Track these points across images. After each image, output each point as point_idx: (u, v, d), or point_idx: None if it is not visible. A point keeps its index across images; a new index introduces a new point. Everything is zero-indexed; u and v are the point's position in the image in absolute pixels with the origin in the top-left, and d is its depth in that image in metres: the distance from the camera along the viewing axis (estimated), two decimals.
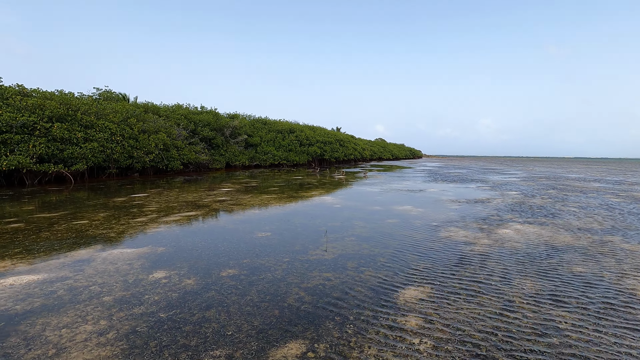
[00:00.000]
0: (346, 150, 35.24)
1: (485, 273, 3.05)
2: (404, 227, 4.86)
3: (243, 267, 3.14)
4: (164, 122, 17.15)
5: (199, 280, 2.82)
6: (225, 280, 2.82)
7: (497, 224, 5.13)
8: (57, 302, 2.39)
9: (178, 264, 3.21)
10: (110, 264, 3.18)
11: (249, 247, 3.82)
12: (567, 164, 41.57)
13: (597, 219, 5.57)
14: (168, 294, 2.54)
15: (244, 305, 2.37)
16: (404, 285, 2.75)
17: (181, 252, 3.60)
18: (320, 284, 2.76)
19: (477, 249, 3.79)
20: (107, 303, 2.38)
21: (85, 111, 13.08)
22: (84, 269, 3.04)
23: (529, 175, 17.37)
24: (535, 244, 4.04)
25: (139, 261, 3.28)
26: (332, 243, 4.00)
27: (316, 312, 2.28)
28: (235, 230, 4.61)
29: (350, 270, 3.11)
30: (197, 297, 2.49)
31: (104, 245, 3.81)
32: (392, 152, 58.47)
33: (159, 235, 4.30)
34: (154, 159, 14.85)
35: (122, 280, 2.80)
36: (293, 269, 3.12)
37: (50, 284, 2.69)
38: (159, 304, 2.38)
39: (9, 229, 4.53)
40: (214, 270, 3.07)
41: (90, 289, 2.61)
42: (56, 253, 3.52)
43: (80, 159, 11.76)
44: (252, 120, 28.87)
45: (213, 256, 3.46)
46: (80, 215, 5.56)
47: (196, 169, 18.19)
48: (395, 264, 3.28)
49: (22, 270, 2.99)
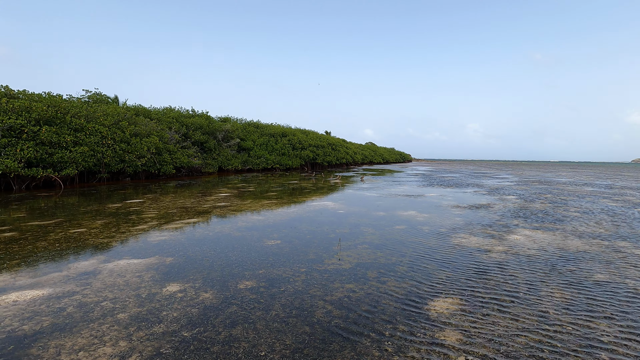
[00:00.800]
0: (338, 154, 35.25)
1: (510, 282, 2.98)
2: (414, 234, 4.79)
3: (260, 279, 3.00)
4: (156, 126, 16.81)
5: (217, 293, 2.68)
6: (245, 294, 2.68)
7: (506, 230, 5.10)
8: (68, 320, 2.21)
9: (191, 276, 3.05)
10: (119, 277, 3.00)
11: (260, 256, 3.68)
12: (554, 168, 42.41)
13: (603, 225, 5.60)
14: (187, 310, 2.38)
15: (270, 322, 2.23)
16: (431, 297, 2.66)
17: (191, 262, 3.44)
18: (345, 297, 2.64)
19: (494, 257, 3.73)
20: (123, 321, 2.21)
21: (75, 114, 12.71)
22: (91, 283, 2.86)
23: (521, 180, 17.60)
24: (549, 251, 4.01)
25: (148, 273, 3.11)
26: (346, 251, 3.90)
27: (349, 328, 2.16)
28: (243, 238, 4.46)
29: (372, 280, 3.00)
30: (219, 313, 2.35)
31: (108, 256, 3.62)
32: (382, 156, 58.76)
33: (164, 244, 4.12)
34: (146, 163, 14.52)
35: (135, 294, 2.64)
36: (312, 280, 3.00)
37: (57, 300, 2.50)
38: (179, 321, 2.23)
39: (2, 238, 4.28)
40: (230, 282, 2.92)
41: (102, 305, 2.44)
42: (57, 265, 3.31)
43: (70, 164, 11.38)
44: (244, 124, 28.62)
45: (226, 267, 3.31)
46: (76, 222, 5.31)
47: (188, 173, 17.86)
48: (416, 273, 3.19)
49: (24, 285, 2.79)
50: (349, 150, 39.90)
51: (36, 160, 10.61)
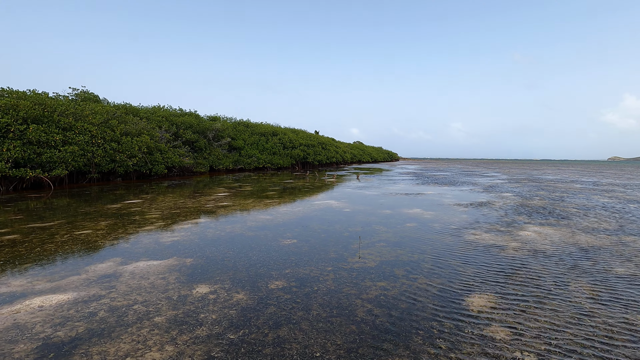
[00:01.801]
0: (328, 153, 35.26)
1: (536, 278, 3.02)
2: (427, 231, 4.81)
3: (289, 278, 2.95)
4: (146, 125, 16.43)
5: (250, 294, 2.61)
6: (279, 294, 2.63)
7: (514, 227, 5.18)
8: (103, 325, 2.12)
9: (217, 277, 2.97)
10: (142, 279, 2.90)
11: (281, 255, 3.62)
12: (537, 166, 43.52)
13: (606, 220, 5.76)
14: (225, 312, 2.32)
15: (314, 322, 2.19)
16: (465, 293, 2.66)
17: (212, 263, 3.35)
18: (381, 295, 2.62)
19: (511, 253, 3.78)
20: (162, 325, 2.13)
21: (63, 112, 12.29)
22: (115, 286, 2.75)
23: (511, 178, 17.97)
24: (562, 246, 4.09)
25: (171, 274, 3.02)
26: (365, 249, 3.88)
27: (395, 326, 2.14)
28: (257, 237, 4.39)
29: (401, 278, 2.99)
30: (259, 314, 2.29)
31: (123, 258, 3.49)
32: (371, 155, 59.11)
33: (178, 245, 4.01)
34: (137, 162, 14.17)
35: (165, 297, 2.55)
36: (342, 278, 2.96)
37: (85, 305, 2.40)
38: (220, 323, 2.16)
39: (5, 241, 4.09)
40: (260, 282, 2.86)
41: (135, 309, 2.34)
42: (73, 267, 3.18)
43: (59, 164, 11.00)
44: (234, 122, 28.29)
45: (250, 267, 3.24)
46: (79, 224, 5.12)
47: (180, 173, 17.53)
48: (442, 270, 3.20)
49: (44, 289, 2.66)
50: (338, 150, 39.97)
51: (24, 161, 10.20)
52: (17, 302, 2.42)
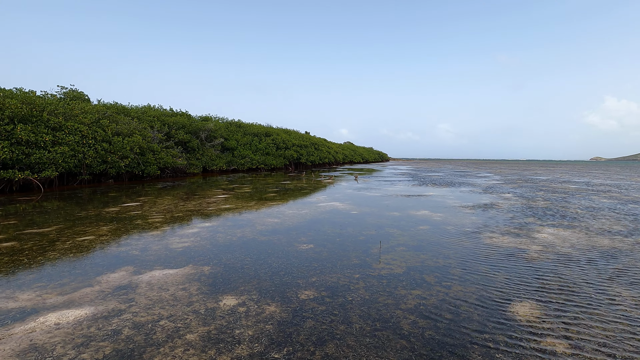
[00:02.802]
0: (321, 153, 35.14)
1: (571, 283, 2.93)
2: (442, 234, 4.71)
3: (317, 287, 2.80)
4: (138, 124, 16.00)
5: (282, 306, 2.45)
6: (312, 305, 2.47)
7: (528, 229, 5.13)
8: (131, 345, 1.93)
9: (241, 287, 2.80)
10: (162, 290, 2.71)
11: (302, 262, 3.46)
12: (525, 166, 44.23)
13: (616, 222, 5.77)
14: (261, 327, 2.15)
15: (360, 337, 2.05)
16: (505, 301, 2.56)
17: (233, 271, 3.17)
18: (420, 304, 2.49)
19: (536, 257, 3.70)
20: (196, 343, 1.96)
21: (52, 111, 11.85)
22: (134, 298, 2.55)
23: (506, 178, 18.15)
24: (584, 249, 4.04)
25: (192, 285, 2.83)
26: (386, 254, 3.75)
27: (447, 339, 2.01)
28: (271, 242, 4.22)
29: (435, 285, 2.87)
30: (298, 329, 2.13)
31: (135, 266, 3.28)
32: (362, 156, 59.24)
33: (191, 251, 3.81)
34: (129, 163, 13.77)
35: (191, 311, 2.37)
36: (373, 287, 2.83)
37: (106, 321, 2.20)
38: (259, 340, 2.00)
39: (3, 249, 3.82)
40: (288, 292, 2.70)
41: (162, 325, 2.16)
42: (83, 278, 2.96)
43: (49, 165, 10.59)
44: (226, 123, 27.90)
45: (273, 275, 3.08)
46: (79, 229, 4.86)
47: (173, 174, 17.15)
48: (472, 276, 3.09)
49: (57, 304, 2.45)
50: (330, 150, 39.89)
51: (12, 162, 9.77)
52: (29, 319, 2.20)
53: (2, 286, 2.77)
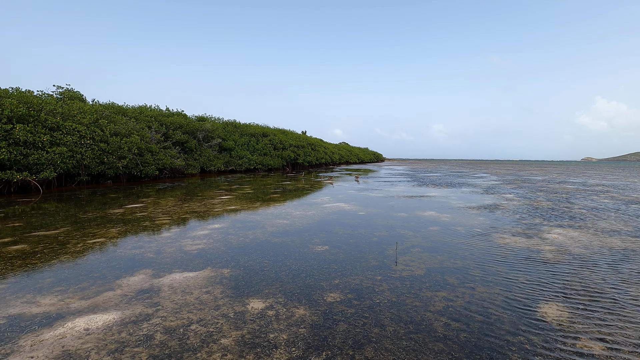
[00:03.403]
0: (318, 154, 35.14)
1: (592, 284, 2.96)
2: (454, 235, 4.73)
3: (342, 289, 2.79)
4: (135, 125, 15.85)
5: (311, 309, 2.43)
6: (341, 307, 2.46)
7: (537, 230, 5.17)
8: (167, 351, 1.90)
9: (265, 290, 2.77)
10: (186, 294, 2.67)
11: (320, 263, 3.45)
12: (519, 166, 44.63)
13: (622, 222, 5.84)
14: (294, 330, 2.13)
15: (396, 340, 2.04)
16: (532, 302, 2.57)
17: (253, 274, 3.15)
18: (449, 307, 2.49)
19: (552, 257, 3.73)
20: (233, 348, 1.93)
21: (50, 111, 11.68)
22: (159, 302, 2.52)
23: (504, 179, 18.30)
24: (597, 249, 4.08)
25: (215, 288, 2.80)
26: (403, 256, 3.75)
27: (483, 342, 2.01)
28: (285, 244, 4.20)
29: (458, 287, 2.87)
30: (333, 332, 2.12)
31: (153, 269, 3.24)
32: (357, 156, 59.37)
33: (206, 253, 3.77)
34: (127, 164, 13.63)
35: (220, 314, 2.34)
36: (398, 289, 2.82)
37: (136, 326, 2.16)
38: (295, 344, 1.98)
39: (14, 252, 3.75)
40: (314, 294, 2.69)
41: (194, 330, 2.13)
42: (103, 282, 2.91)
43: (47, 165, 10.44)
44: (223, 123, 27.77)
45: (294, 277, 3.06)
46: (88, 231, 4.79)
47: (171, 175, 17.01)
48: (493, 277, 3.10)
49: (81, 308, 2.40)
50: (327, 150, 39.91)
51: (10, 162, 9.61)
52: (57, 325, 2.16)
53: (21, 290, 2.71)
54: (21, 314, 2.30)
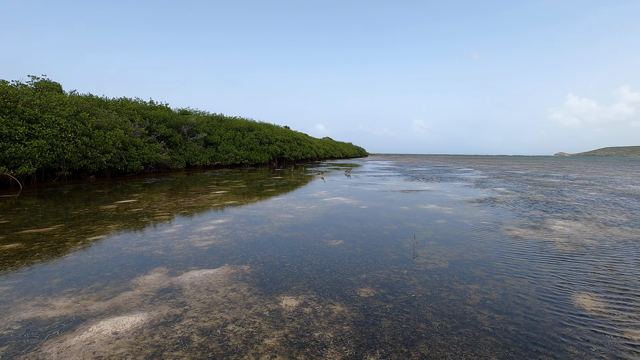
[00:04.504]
0: (303, 149, 34.94)
1: (615, 273, 2.99)
2: (463, 228, 4.73)
3: (372, 284, 2.71)
4: (118, 118, 15.22)
5: (348, 305, 2.34)
6: (378, 303, 2.38)
7: (540, 222, 5.24)
8: (210, 354, 1.76)
9: (293, 286, 2.66)
10: (211, 292, 2.52)
11: (340, 258, 3.35)
12: (499, 161, 45.78)
13: (619, 213, 6.01)
14: (337, 328, 2.03)
15: (445, 335, 1.97)
16: (565, 293, 2.56)
17: (275, 270, 3.02)
18: (487, 299, 2.45)
19: (565, 248, 3.77)
20: (280, 349, 1.82)
21: (27, 102, 11.02)
22: (185, 302, 2.36)
23: (488, 173, 18.70)
24: (605, 239, 4.16)
25: (240, 285, 2.66)
26: (421, 249, 3.71)
27: (533, 333, 1.97)
28: (297, 239, 4.08)
29: (487, 279, 2.84)
30: (379, 329, 2.03)
31: (168, 267, 3.06)
32: (342, 151, 59.48)
33: (218, 249, 3.61)
34: (111, 159, 13.09)
35: (255, 313, 2.21)
36: (428, 282, 2.76)
37: (168, 328, 2.01)
38: (345, 343, 1.88)
39: (8, 251, 3.47)
40: (345, 290, 2.60)
41: (231, 330, 1.99)
42: (116, 281, 2.72)
43: (25, 160, 9.86)
44: (207, 117, 27.12)
45: (319, 273, 2.95)
46: (85, 228, 4.52)
47: (156, 170, 16.47)
48: (517, 269, 3.10)
49: (101, 310, 2.22)
50: (312, 145, 39.75)
51: None
52: (80, 329, 1.98)
53: (29, 292, 2.49)
54: (36, 318, 2.10)
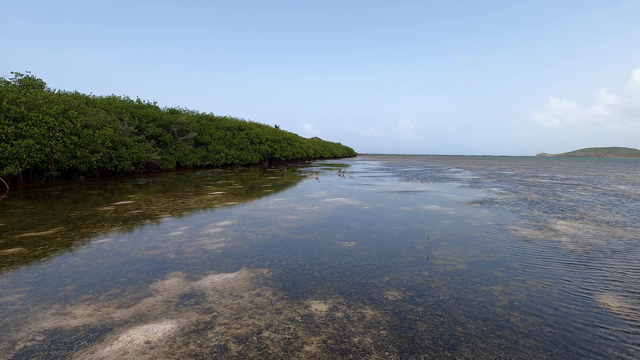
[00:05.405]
0: (294, 149, 34.81)
1: (629, 271, 3.06)
2: (471, 228, 4.77)
3: (397, 287, 2.69)
4: (106, 116, 14.83)
5: (378, 309, 2.31)
6: (408, 306, 2.36)
7: (544, 221, 5.33)
8: None
9: (318, 290, 2.62)
10: (236, 297, 2.46)
11: (358, 260, 3.33)
12: (485, 161, 46.62)
13: (612, 213, 6.17)
14: (375, 333, 2.00)
15: (483, 337, 1.97)
16: (587, 293, 2.60)
17: (294, 273, 2.97)
18: (514, 300, 2.46)
19: (574, 248, 3.83)
20: (323, 356, 1.78)
21: (13, 100, 10.62)
22: (211, 308, 2.29)
23: (479, 173, 18.99)
24: (609, 239, 4.25)
25: (264, 290, 2.60)
26: (435, 250, 3.71)
27: (569, 334, 1.99)
28: (308, 240, 4.04)
29: (508, 280, 2.86)
30: (418, 333, 2.01)
31: (184, 271, 2.97)
32: (331, 151, 59.54)
33: (232, 253, 3.54)
34: (101, 158, 12.74)
35: (287, 319, 2.16)
36: (452, 284, 2.76)
37: (202, 336, 1.94)
38: (387, 347, 1.85)
39: (11, 256, 3.31)
40: (373, 293, 2.57)
41: (267, 337, 1.94)
42: (134, 287, 2.62)
43: (12, 160, 9.50)
44: (197, 116, 26.71)
45: (341, 275, 2.92)
46: (87, 231, 4.36)
47: (146, 170, 16.13)
48: (535, 270, 3.13)
49: (126, 318, 2.13)
50: (302, 145, 39.65)
51: None
52: (109, 339, 1.89)
53: (44, 300, 2.37)
54: (59, 328, 2.00)
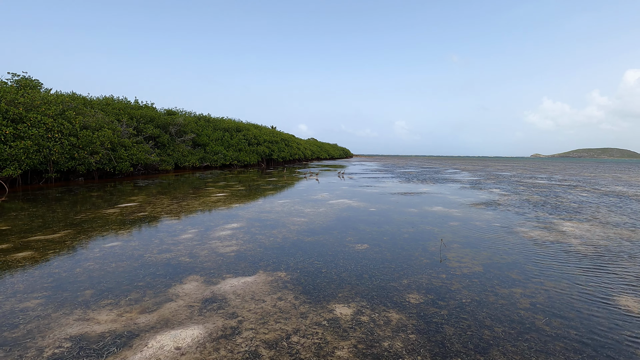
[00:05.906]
0: (291, 150, 34.77)
1: None
2: (479, 230, 4.79)
3: (418, 290, 2.69)
4: (105, 117, 14.70)
5: (403, 313, 2.31)
6: (431, 309, 2.36)
7: (550, 223, 5.37)
8: None
9: (339, 294, 2.61)
10: (258, 301, 2.44)
11: (373, 263, 3.32)
12: (482, 162, 46.93)
13: (618, 214, 6.23)
14: (404, 337, 2.00)
15: (513, 341, 1.97)
16: (607, 296, 2.62)
17: (313, 277, 2.96)
18: (536, 303, 2.47)
19: (584, 249, 3.86)
20: None
21: (11, 101, 10.49)
22: (235, 313, 2.27)
23: (477, 174, 19.11)
24: (617, 240, 4.29)
25: (285, 294, 2.59)
26: (448, 252, 3.72)
27: (596, 337, 2.00)
28: (320, 243, 4.02)
29: (527, 282, 2.87)
30: (446, 337, 2.01)
31: (201, 275, 2.95)
32: (328, 152, 59.56)
33: (247, 256, 3.51)
34: (100, 160, 12.62)
35: (314, 323, 2.15)
36: (471, 287, 2.77)
37: (231, 342, 1.92)
38: (419, 352, 1.85)
39: (22, 260, 3.26)
40: (394, 297, 2.56)
41: (297, 342, 1.93)
42: (153, 291, 2.59)
43: (11, 161, 9.38)
44: (195, 117, 26.59)
45: (359, 278, 2.91)
46: (96, 234, 4.31)
47: (145, 172, 16.01)
48: (550, 271, 3.15)
49: (151, 324, 2.10)
50: (300, 146, 39.62)
51: None
52: (138, 345, 1.86)
53: (64, 305, 2.34)
54: (84, 334, 1.97)
